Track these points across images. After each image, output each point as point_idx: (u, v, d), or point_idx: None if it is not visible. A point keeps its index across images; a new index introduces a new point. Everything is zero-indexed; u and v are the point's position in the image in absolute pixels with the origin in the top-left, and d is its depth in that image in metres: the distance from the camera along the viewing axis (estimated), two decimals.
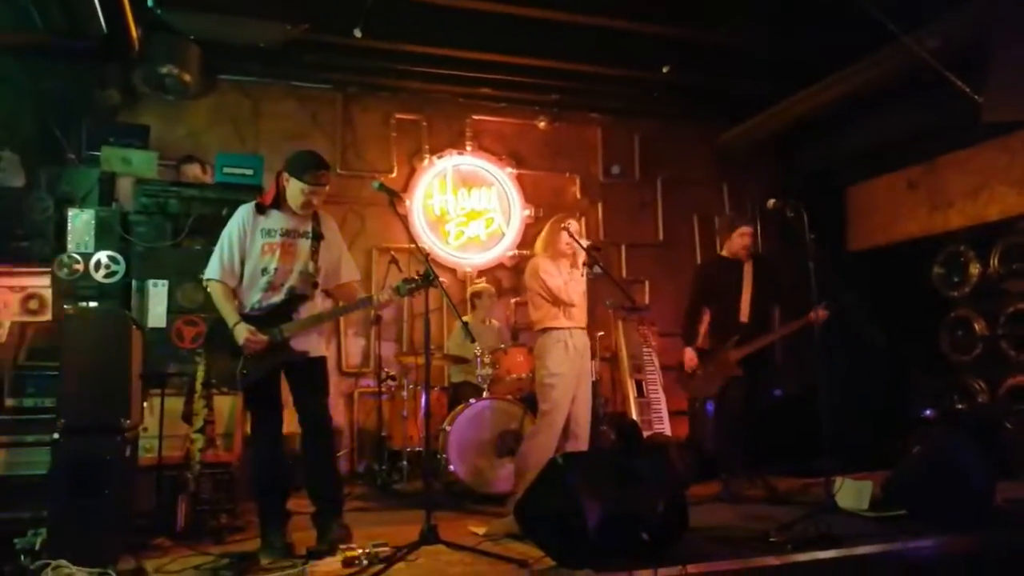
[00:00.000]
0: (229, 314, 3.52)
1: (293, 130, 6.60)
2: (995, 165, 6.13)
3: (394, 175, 6.80)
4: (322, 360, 3.70)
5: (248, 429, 3.84)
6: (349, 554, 3.16)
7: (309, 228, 3.64)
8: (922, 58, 5.19)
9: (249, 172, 4.78)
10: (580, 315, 4.50)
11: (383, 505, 4.92)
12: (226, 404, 4.29)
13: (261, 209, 3.62)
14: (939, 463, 3.89)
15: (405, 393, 5.57)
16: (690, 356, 5.03)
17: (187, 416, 4.07)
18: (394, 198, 3.92)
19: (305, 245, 3.60)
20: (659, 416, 6.40)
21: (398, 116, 6.92)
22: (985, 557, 3.46)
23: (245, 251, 3.57)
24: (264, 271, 3.55)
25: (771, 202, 4.51)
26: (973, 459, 3.84)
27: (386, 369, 5.98)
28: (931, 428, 5.53)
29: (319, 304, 3.69)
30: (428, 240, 6.76)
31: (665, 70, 6.43)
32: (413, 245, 4.44)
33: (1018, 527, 3.76)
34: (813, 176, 7.40)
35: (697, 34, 5.93)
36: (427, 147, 6.96)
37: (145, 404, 3.98)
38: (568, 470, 3.22)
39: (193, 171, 5.57)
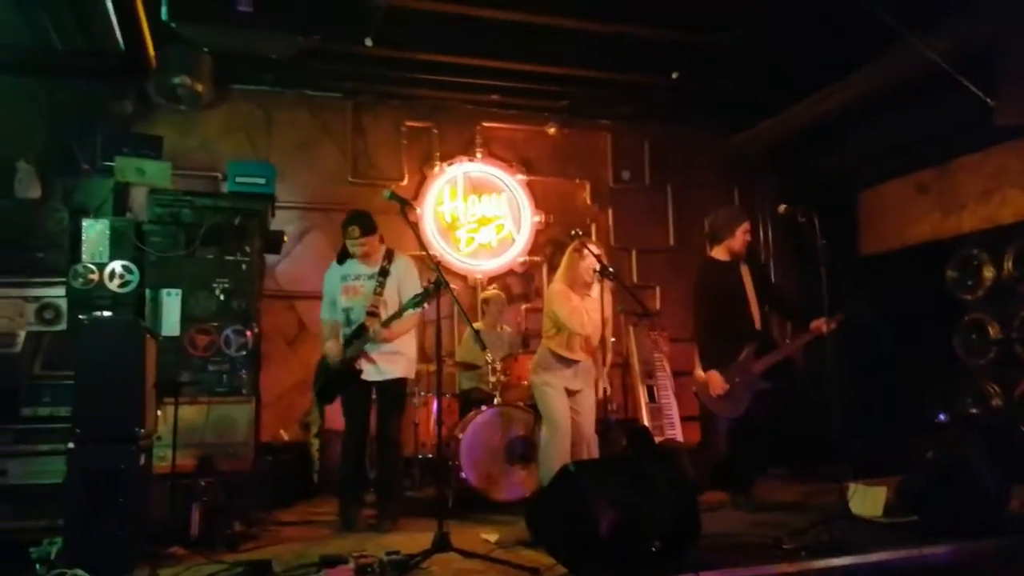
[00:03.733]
0: (324, 337, 4.52)
1: (304, 139, 6.66)
2: (1007, 167, 6.09)
3: (405, 183, 6.83)
4: (398, 382, 4.43)
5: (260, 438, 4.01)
6: (363, 562, 3.18)
7: (376, 269, 4.40)
8: (933, 61, 5.17)
9: (261, 181, 4.80)
10: (589, 345, 4.43)
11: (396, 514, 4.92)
12: (238, 413, 4.32)
13: (340, 260, 4.51)
14: (953, 468, 3.85)
15: (416, 400, 5.57)
16: (718, 381, 4.52)
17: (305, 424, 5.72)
18: (405, 207, 3.95)
19: (369, 285, 4.37)
20: (671, 422, 6.40)
21: (408, 124, 6.95)
22: (1000, 563, 3.43)
23: (332, 294, 4.48)
24: (343, 309, 4.43)
25: (782, 207, 4.46)
26: (987, 464, 3.81)
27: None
28: (945, 433, 5.49)
29: (383, 332, 4.27)
30: (439, 247, 6.78)
31: (675, 76, 6.43)
32: (424, 253, 4.47)
33: None
34: (824, 180, 7.36)
35: (706, 39, 5.92)
36: (438, 154, 6.98)
37: (159, 412, 4.00)
38: (580, 477, 3.23)
39: None
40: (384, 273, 4.38)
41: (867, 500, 4.16)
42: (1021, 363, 5.79)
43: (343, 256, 4.49)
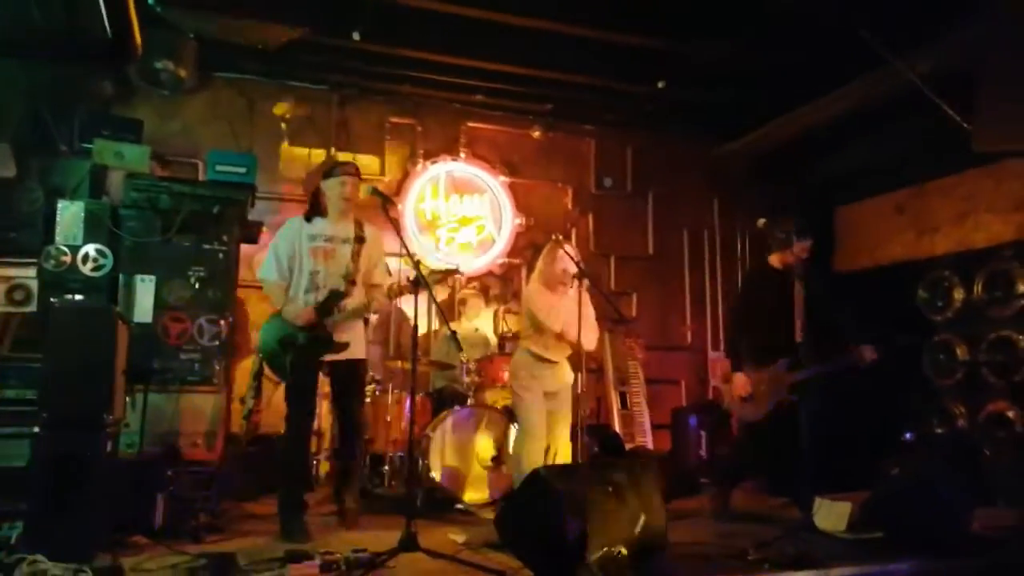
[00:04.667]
0: (281, 300, 4.03)
1: (287, 130, 6.60)
2: (981, 192, 6.19)
3: (387, 179, 6.80)
4: (362, 363, 4.18)
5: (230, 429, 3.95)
6: (328, 558, 3.16)
7: (351, 234, 4.09)
8: (913, 83, 5.25)
9: (242, 170, 4.77)
10: (565, 346, 4.44)
11: (363, 509, 4.89)
12: (208, 403, 4.27)
13: (308, 218, 4.11)
14: (917, 486, 3.91)
15: (389, 397, 5.55)
16: (742, 382, 4.57)
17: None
18: (387, 203, 3.94)
19: (346, 249, 4.06)
20: (642, 429, 6.43)
21: (393, 120, 6.92)
22: None
23: (294, 255, 4.03)
24: (309, 272, 4.02)
25: (761, 222, 4.53)
26: (951, 484, 3.87)
27: (371, 373, 5.96)
28: (910, 451, 5.57)
29: (357, 301, 4.07)
30: (419, 245, 6.77)
31: (660, 85, 6.47)
32: (404, 250, 4.45)
33: (994, 553, 3.79)
34: (803, 195, 7.45)
35: (693, 50, 5.97)
36: (421, 152, 6.97)
37: (128, 399, 3.95)
38: (549, 481, 3.23)
39: None
40: (360, 240, 4.13)
41: (832, 515, 4.20)
42: (987, 385, 5.89)
43: (312, 213, 4.16)
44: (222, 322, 4.45)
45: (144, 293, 4.35)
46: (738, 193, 7.85)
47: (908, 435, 5.71)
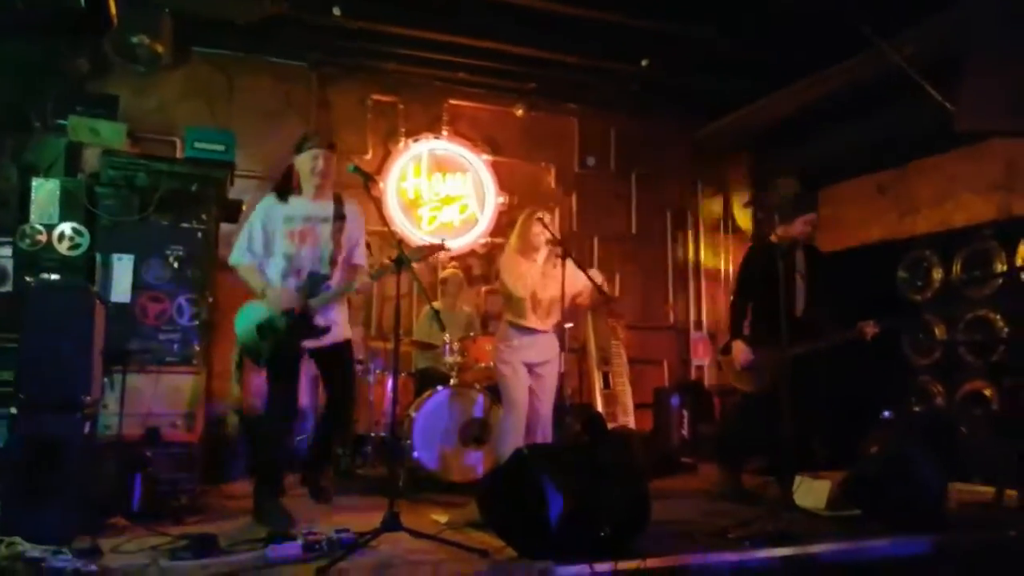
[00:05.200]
0: (259, 284, 3.81)
1: (267, 107, 6.51)
2: (962, 173, 6.24)
3: (368, 157, 6.74)
4: (348, 343, 4.04)
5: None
6: (311, 539, 3.15)
7: (331, 212, 3.88)
8: (898, 65, 5.26)
9: (221, 148, 4.68)
10: (547, 315, 4.41)
11: (345, 490, 4.89)
12: (187, 384, 4.23)
13: (282, 197, 3.89)
14: (894, 464, 3.97)
15: (372, 378, 5.54)
16: (742, 350, 4.54)
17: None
18: (368, 181, 3.89)
19: (326, 229, 3.84)
20: (624, 408, 6.45)
21: (374, 98, 6.85)
22: (936, 558, 3.54)
23: (268, 237, 3.82)
24: (285, 256, 3.81)
25: (744, 202, 4.52)
26: (927, 461, 3.92)
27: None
28: (889, 429, 5.64)
29: (340, 282, 3.90)
30: (401, 224, 6.72)
31: (644, 63, 6.44)
32: (386, 228, 4.41)
33: (969, 529, 3.86)
34: (787, 176, 7.46)
35: (678, 30, 5.94)
36: (403, 130, 6.91)
37: (106, 380, 3.91)
38: (532, 461, 3.24)
39: None
40: (340, 217, 3.90)
41: (811, 493, 4.25)
42: (964, 364, 5.96)
43: (285, 192, 3.94)
44: (202, 302, 4.39)
45: (122, 272, 4.28)
46: (722, 174, 7.85)
47: (886, 414, 5.78)
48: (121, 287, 4.26)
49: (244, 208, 4.96)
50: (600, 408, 6.38)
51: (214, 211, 4.57)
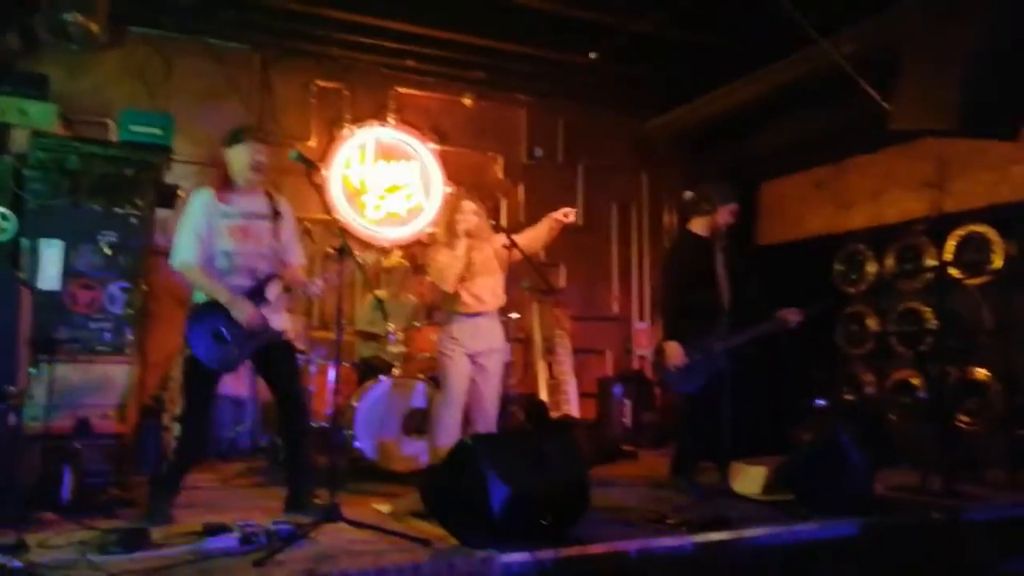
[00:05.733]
0: (222, 291, 3.56)
1: (207, 91, 6.32)
2: (896, 170, 6.44)
3: (312, 143, 6.62)
4: (283, 336, 3.84)
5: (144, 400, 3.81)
6: (248, 531, 3.09)
7: (266, 208, 3.75)
8: (836, 62, 5.39)
9: (158, 132, 4.57)
10: (490, 294, 4.34)
11: (285, 480, 4.82)
12: (120, 373, 4.11)
13: (219, 190, 3.71)
14: (826, 451, 4.10)
15: (313, 368, 5.46)
16: (676, 351, 4.39)
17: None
18: (311, 168, 3.83)
19: (262, 226, 3.70)
20: (568, 398, 6.51)
21: (319, 83, 6.72)
22: (863, 540, 3.67)
23: (209, 234, 3.60)
24: (226, 254, 3.62)
25: (687, 194, 4.58)
26: (857, 448, 4.05)
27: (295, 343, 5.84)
28: (822, 417, 5.81)
29: (282, 282, 3.76)
30: (345, 212, 6.63)
31: (592, 56, 6.46)
32: (329, 217, 4.35)
33: (895, 512, 4.01)
34: (729, 170, 7.59)
35: (625, 23, 5.97)
36: (348, 117, 6.79)
37: (32, 370, 3.77)
38: (476, 450, 3.24)
39: None
40: (277, 215, 3.77)
41: (747, 479, 4.36)
42: (894, 354, 6.17)
43: (224, 188, 3.76)
44: (135, 290, 4.27)
45: (50, 259, 4.13)
46: (666, 168, 7.95)
47: (819, 402, 5.95)
48: (49, 274, 4.12)
49: (180, 194, 4.82)
50: (544, 397, 6.42)
51: (150, 196, 4.45)
